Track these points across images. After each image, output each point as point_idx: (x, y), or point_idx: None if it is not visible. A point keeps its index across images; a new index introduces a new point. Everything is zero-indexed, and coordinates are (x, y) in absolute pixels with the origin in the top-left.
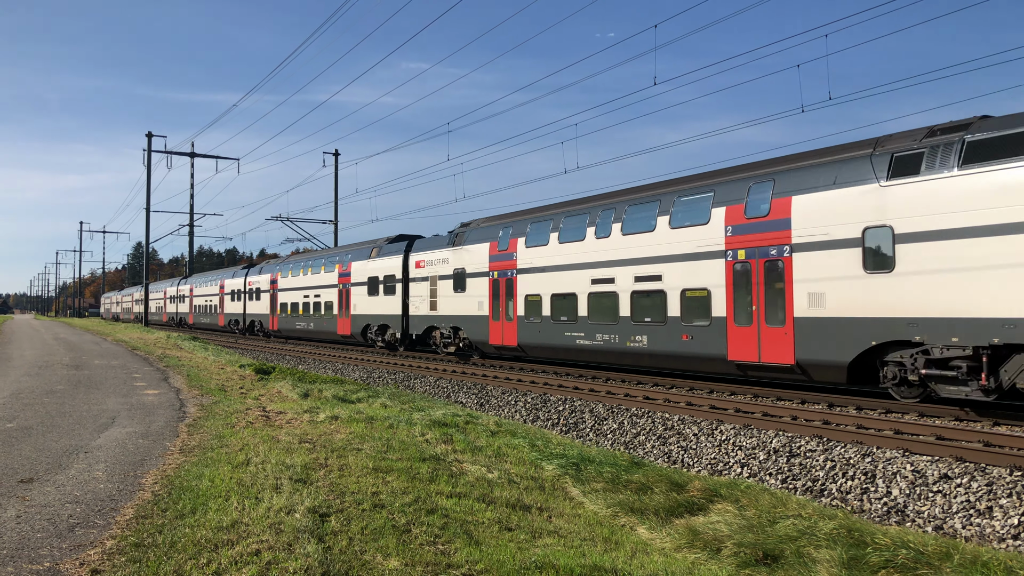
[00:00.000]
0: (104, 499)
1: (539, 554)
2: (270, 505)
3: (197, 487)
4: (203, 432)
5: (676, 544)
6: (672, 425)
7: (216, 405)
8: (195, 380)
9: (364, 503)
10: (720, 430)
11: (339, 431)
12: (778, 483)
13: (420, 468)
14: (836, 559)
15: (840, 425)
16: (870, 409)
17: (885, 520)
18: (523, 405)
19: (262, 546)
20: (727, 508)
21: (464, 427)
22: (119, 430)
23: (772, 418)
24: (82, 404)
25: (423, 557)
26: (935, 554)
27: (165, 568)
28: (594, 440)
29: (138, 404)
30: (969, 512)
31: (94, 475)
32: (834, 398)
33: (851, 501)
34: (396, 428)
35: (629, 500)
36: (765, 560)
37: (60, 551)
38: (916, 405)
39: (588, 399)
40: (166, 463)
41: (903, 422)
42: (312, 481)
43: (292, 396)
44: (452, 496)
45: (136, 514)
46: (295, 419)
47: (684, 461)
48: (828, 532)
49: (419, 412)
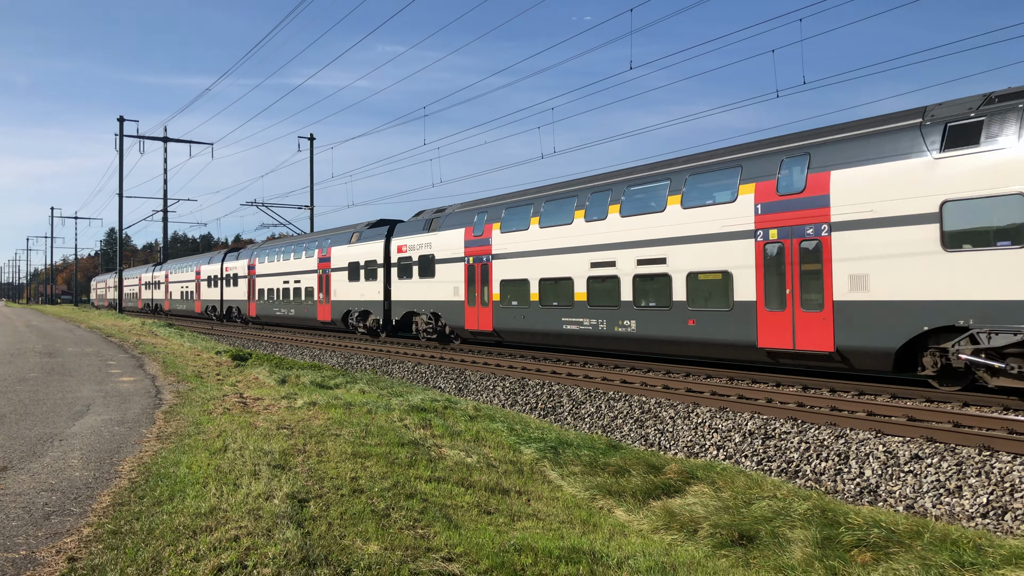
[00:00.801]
0: (80, 487)
1: (518, 537)
2: (248, 491)
3: (174, 474)
4: (180, 419)
5: (653, 526)
6: (649, 408)
7: (193, 392)
8: (171, 367)
9: (343, 488)
10: (696, 413)
11: (317, 417)
12: (753, 465)
13: (399, 453)
14: (810, 539)
15: (814, 407)
16: (843, 391)
17: (858, 500)
18: (501, 390)
19: (241, 532)
20: (703, 490)
21: (443, 412)
22: (94, 418)
23: (747, 401)
24: (56, 392)
25: (402, 541)
26: (906, 533)
27: (143, 555)
28: (572, 424)
29: (113, 391)
30: (939, 491)
31: (69, 463)
32: (808, 380)
33: (825, 482)
34: (375, 413)
35: (607, 483)
36: (741, 540)
37: (36, 539)
38: (888, 387)
39: (566, 383)
40: (143, 450)
41: (876, 404)
42: (290, 467)
43: (269, 382)
44: (431, 481)
45: (113, 501)
46: (273, 405)
47: (661, 444)
48: (802, 512)
49: (397, 397)
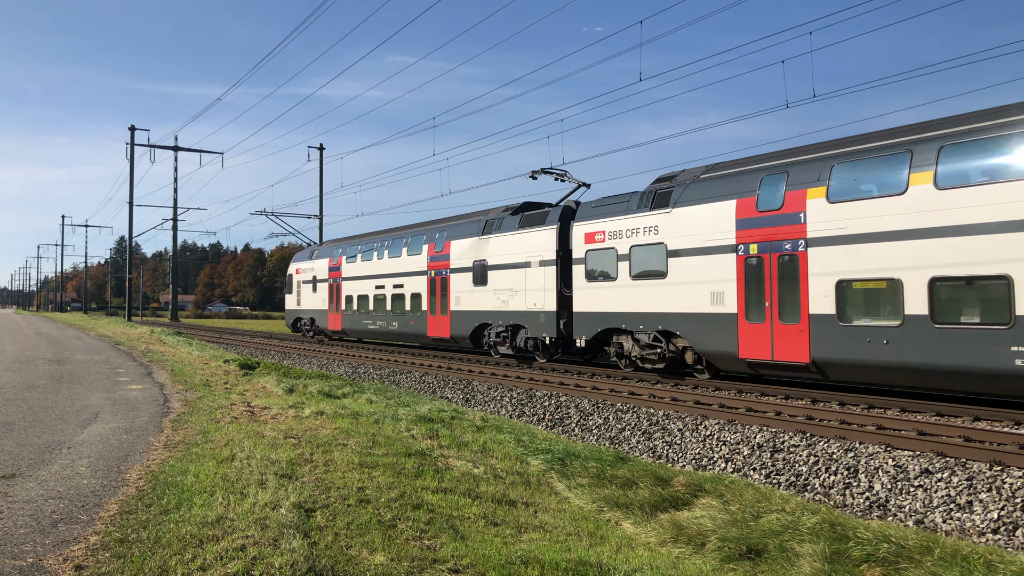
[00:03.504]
0: (88, 494)
1: (524, 549)
2: (255, 500)
3: (182, 482)
4: (187, 427)
5: (661, 539)
6: (657, 420)
7: (200, 400)
8: (179, 375)
9: (350, 498)
10: (704, 425)
11: (324, 426)
12: (762, 478)
13: (406, 463)
14: (819, 553)
15: (823, 420)
16: (853, 404)
17: (867, 514)
18: (509, 401)
19: (247, 541)
20: (711, 503)
21: (450, 423)
22: (102, 425)
23: (756, 413)
24: (65, 399)
25: (409, 552)
26: (916, 548)
27: (150, 563)
28: (579, 435)
29: (122, 399)
30: (950, 506)
31: (77, 470)
32: (817, 394)
33: (834, 496)
34: (382, 423)
35: (614, 495)
36: (749, 554)
37: (43, 547)
38: (898, 400)
39: (573, 394)
40: (150, 458)
41: (886, 417)
42: (297, 476)
43: (277, 391)
44: (438, 491)
45: (120, 509)
46: (280, 414)
47: (669, 456)
48: (811, 526)
49: (405, 408)
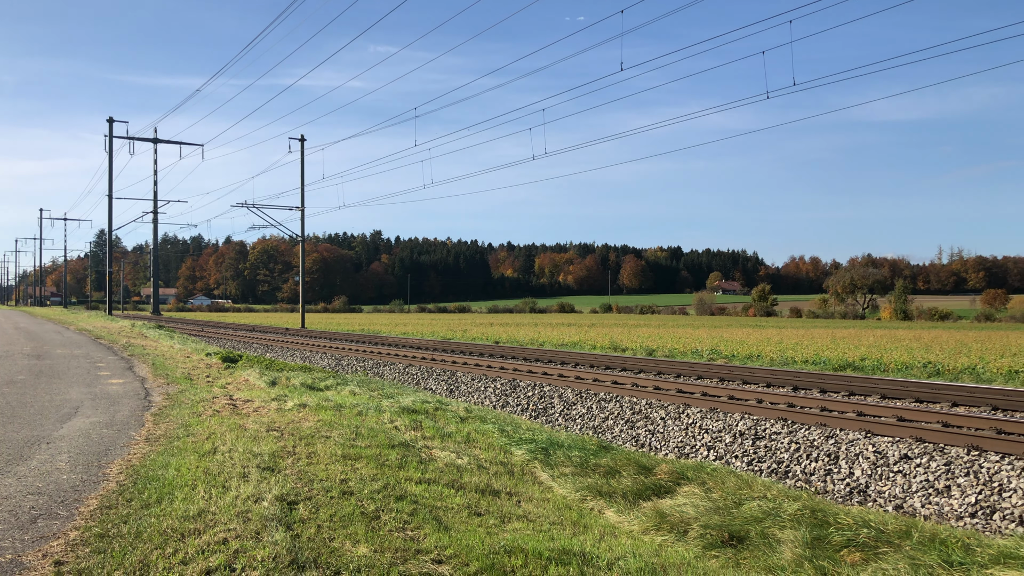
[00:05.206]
0: (67, 490)
1: (508, 538)
2: (237, 494)
3: (163, 476)
4: (169, 421)
5: (644, 527)
6: (640, 409)
7: (182, 394)
8: (160, 369)
9: (333, 490)
10: (687, 414)
11: (307, 419)
12: (744, 465)
13: (389, 455)
14: (800, 539)
15: (804, 408)
16: (833, 392)
17: (848, 500)
18: (493, 391)
19: (229, 535)
20: (694, 491)
21: (433, 414)
22: (83, 420)
23: (738, 401)
24: (44, 394)
25: (392, 543)
26: (895, 532)
27: (131, 558)
28: (563, 425)
29: (102, 394)
30: (928, 491)
31: (57, 466)
32: (799, 381)
33: (815, 482)
34: (365, 415)
35: (597, 484)
36: (731, 541)
37: (22, 543)
38: (878, 386)
39: (557, 384)
40: (131, 453)
41: (866, 404)
42: (280, 469)
43: (259, 384)
44: (421, 482)
45: (100, 504)
46: (262, 407)
47: (652, 444)
48: (792, 513)
49: (388, 399)
